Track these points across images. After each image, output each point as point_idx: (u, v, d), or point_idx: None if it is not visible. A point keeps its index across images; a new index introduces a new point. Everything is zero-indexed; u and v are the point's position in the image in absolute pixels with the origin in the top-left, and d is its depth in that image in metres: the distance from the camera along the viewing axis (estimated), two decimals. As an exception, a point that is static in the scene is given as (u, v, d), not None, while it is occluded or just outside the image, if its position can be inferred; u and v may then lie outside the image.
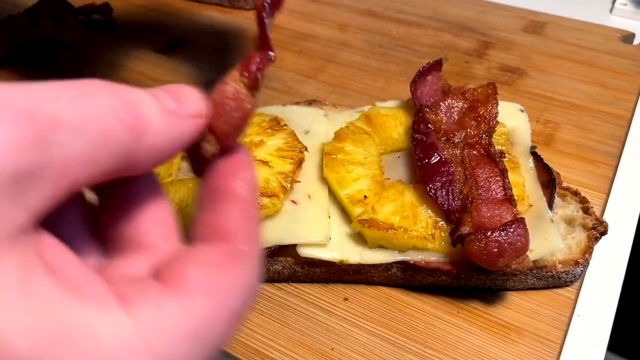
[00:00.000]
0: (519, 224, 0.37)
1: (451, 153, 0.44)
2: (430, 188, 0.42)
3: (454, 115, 0.46)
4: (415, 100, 0.48)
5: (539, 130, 0.57)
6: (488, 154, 0.43)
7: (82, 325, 0.18)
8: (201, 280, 0.21)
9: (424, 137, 0.44)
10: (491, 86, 0.47)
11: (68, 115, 0.19)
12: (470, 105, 0.46)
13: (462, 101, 0.47)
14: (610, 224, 0.44)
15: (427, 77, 0.50)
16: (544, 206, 0.42)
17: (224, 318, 0.21)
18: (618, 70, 0.64)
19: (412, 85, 0.49)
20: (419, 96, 0.49)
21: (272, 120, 0.48)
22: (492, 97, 0.46)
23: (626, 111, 0.59)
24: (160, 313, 0.20)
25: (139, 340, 0.19)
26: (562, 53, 0.68)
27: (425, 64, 0.50)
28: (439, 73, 0.50)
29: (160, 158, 0.22)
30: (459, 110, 0.46)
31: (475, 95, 0.47)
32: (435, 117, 0.46)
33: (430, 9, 0.76)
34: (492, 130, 0.45)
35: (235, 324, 0.22)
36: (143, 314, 0.20)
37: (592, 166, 0.53)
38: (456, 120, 0.46)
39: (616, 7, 0.76)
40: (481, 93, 0.47)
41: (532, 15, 0.74)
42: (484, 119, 0.45)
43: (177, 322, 0.20)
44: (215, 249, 0.23)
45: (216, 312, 0.21)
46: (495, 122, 0.45)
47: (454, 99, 0.47)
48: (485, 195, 0.41)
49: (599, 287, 0.44)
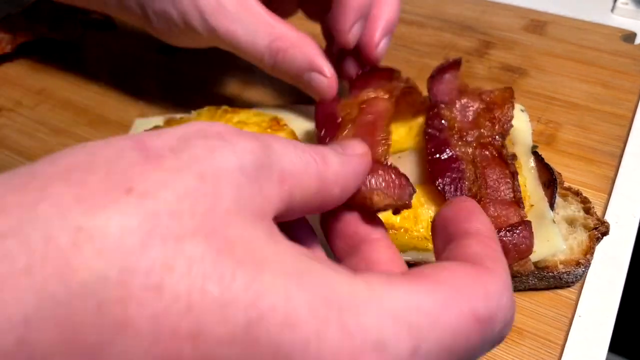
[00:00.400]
0: (525, 226, 0.37)
1: (463, 151, 0.44)
2: (439, 183, 0.41)
3: (469, 115, 0.46)
4: (431, 96, 0.48)
5: (540, 130, 0.57)
6: (500, 155, 0.43)
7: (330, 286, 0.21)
8: (441, 276, 0.22)
9: (437, 133, 0.44)
10: (509, 90, 0.47)
11: (279, 146, 0.25)
12: (487, 107, 0.46)
13: (478, 102, 0.47)
14: (612, 224, 0.44)
15: (445, 75, 0.50)
16: (545, 206, 0.42)
17: (467, 315, 0.22)
18: (619, 70, 0.64)
19: (429, 81, 0.49)
20: (434, 93, 0.49)
21: (272, 120, 0.48)
22: (508, 100, 0.46)
23: (628, 111, 0.59)
24: (396, 291, 0.21)
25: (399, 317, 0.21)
26: (563, 53, 0.67)
27: (444, 61, 0.50)
28: (457, 72, 0.50)
29: (343, 188, 0.28)
30: (474, 111, 0.46)
31: (492, 97, 0.47)
32: (450, 114, 0.46)
33: (431, 8, 0.76)
34: (506, 133, 0.45)
35: (488, 336, 0.22)
36: (379, 288, 0.21)
37: (594, 166, 0.53)
38: (470, 120, 0.46)
39: (617, 6, 0.76)
40: (498, 96, 0.47)
41: (533, 15, 0.74)
42: (499, 121, 0.45)
43: (412, 299, 0.21)
44: (459, 263, 0.24)
45: (457, 305, 0.21)
46: (510, 125, 0.45)
47: (470, 99, 0.47)
48: (494, 195, 0.41)
49: (600, 288, 0.44)
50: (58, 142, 0.57)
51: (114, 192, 0.19)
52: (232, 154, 0.22)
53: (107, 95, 0.63)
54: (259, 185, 0.23)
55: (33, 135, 0.58)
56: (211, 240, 0.20)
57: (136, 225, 0.19)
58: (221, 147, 0.22)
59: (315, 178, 0.26)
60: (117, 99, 0.62)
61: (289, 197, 0.24)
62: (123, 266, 0.18)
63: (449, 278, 0.22)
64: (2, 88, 0.64)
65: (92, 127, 0.59)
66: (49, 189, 0.19)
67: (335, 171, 0.27)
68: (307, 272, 0.21)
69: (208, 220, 0.20)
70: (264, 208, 0.23)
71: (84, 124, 0.59)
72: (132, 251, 0.18)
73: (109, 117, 0.60)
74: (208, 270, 0.19)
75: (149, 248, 0.19)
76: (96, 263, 0.18)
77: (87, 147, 0.21)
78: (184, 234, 0.19)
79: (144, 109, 0.61)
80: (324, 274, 0.21)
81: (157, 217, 0.19)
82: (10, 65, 0.68)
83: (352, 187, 0.29)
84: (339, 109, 0.45)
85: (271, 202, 0.23)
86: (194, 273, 0.19)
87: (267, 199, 0.23)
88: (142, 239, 0.19)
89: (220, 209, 0.21)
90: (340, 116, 0.44)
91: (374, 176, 0.35)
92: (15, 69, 0.67)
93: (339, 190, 0.27)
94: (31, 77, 0.66)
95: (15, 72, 0.67)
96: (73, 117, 0.60)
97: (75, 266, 0.18)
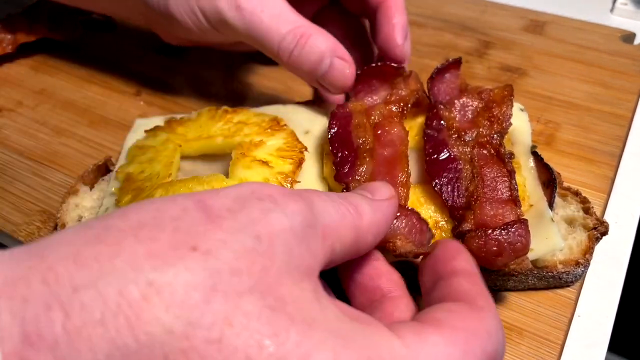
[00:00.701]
0: (520, 225, 0.37)
1: (461, 150, 0.44)
2: (437, 183, 0.42)
3: (468, 114, 0.46)
4: (431, 96, 0.48)
5: (540, 130, 0.57)
6: (498, 154, 0.43)
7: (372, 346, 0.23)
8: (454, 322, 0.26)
9: (435, 133, 0.45)
10: (508, 88, 0.47)
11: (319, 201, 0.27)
12: (485, 105, 0.46)
13: (477, 100, 0.47)
14: (611, 224, 0.44)
15: (445, 74, 0.50)
16: (544, 206, 0.42)
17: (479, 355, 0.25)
18: (619, 70, 0.64)
19: (429, 81, 0.49)
20: (435, 93, 0.49)
21: (272, 120, 0.48)
22: (507, 98, 0.46)
23: (627, 111, 0.59)
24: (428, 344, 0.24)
25: None
26: (562, 53, 0.68)
27: (445, 61, 0.50)
28: (457, 72, 0.50)
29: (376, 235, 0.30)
30: (474, 109, 0.46)
31: (491, 96, 0.47)
32: (449, 114, 0.46)
33: (431, 8, 0.76)
34: (505, 131, 0.45)
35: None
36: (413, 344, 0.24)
37: (593, 166, 0.53)
38: (470, 119, 0.46)
39: (617, 6, 0.76)
40: (497, 94, 0.47)
41: (533, 15, 0.74)
42: (497, 119, 0.45)
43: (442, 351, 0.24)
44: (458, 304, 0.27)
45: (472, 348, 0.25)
46: (509, 123, 0.45)
47: (469, 98, 0.47)
48: (491, 194, 0.41)
49: (599, 288, 0.44)
50: (59, 142, 0.57)
51: (181, 250, 0.21)
52: (284, 216, 0.25)
53: (107, 96, 0.63)
54: (307, 243, 0.25)
55: (34, 135, 0.58)
56: (266, 297, 0.22)
57: (200, 281, 0.21)
58: (273, 209, 0.25)
59: (352, 228, 0.28)
60: (117, 99, 0.63)
61: (331, 251, 0.27)
62: (188, 320, 0.20)
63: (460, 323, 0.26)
64: (3, 88, 0.64)
65: (93, 127, 0.59)
66: (122, 244, 0.21)
67: (369, 220, 0.29)
68: (351, 333, 0.23)
69: (263, 279, 0.22)
70: (311, 265, 0.25)
71: (85, 124, 0.59)
72: (196, 305, 0.20)
73: (109, 117, 0.60)
74: (264, 326, 0.21)
75: (212, 303, 0.21)
76: (164, 316, 0.20)
77: (154, 204, 0.24)
78: (243, 290, 0.21)
79: (144, 109, 0.61)
80: (365, 335, 0.23)
81: (219, 275, 0.21)
82: (11, 66, 0.68)
83: (383, 233, 0.31)
84: (353, 128, 0.45)
85: (317, 259, 0.25)
86: (251, 328, 0.21)
87: (313, 256, 0.25)
88: (206, 294, 0.21)
89: (273, 268, 0.23)
90: (356, 142, 0.44)
91: (397, 219, 0.36)
92: (16, 69, 0.67)
93: (372, 238, 0.30)
94: (32, 78, 0.66)
95: (16, 72, 0.67)
96: (73, 117, 0.61)
97: (145, 319, 0.20)
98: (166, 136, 0.48)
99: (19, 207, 0.50)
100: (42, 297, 0.19)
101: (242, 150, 0.45)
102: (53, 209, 0.49)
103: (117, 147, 0.55)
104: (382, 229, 0.31)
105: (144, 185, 0.44)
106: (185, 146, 0.47)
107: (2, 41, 0.66)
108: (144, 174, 0.45)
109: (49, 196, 0.51)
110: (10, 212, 0.50)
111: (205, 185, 0.42)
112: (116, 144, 0.56)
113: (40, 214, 0.49)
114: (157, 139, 0.48)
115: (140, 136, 0.50)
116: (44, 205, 0.50)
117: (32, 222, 0.49)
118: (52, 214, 0.49)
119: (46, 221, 0.49)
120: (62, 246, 0.21)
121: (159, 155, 0.46)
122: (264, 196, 0.25)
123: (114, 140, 0.57)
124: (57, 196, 0.51)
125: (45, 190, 0.52)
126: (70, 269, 0.20)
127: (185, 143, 0.47)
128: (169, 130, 0.49)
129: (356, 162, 0.42)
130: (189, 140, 0.48)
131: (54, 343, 0.18)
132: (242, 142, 0.46)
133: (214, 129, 0.48)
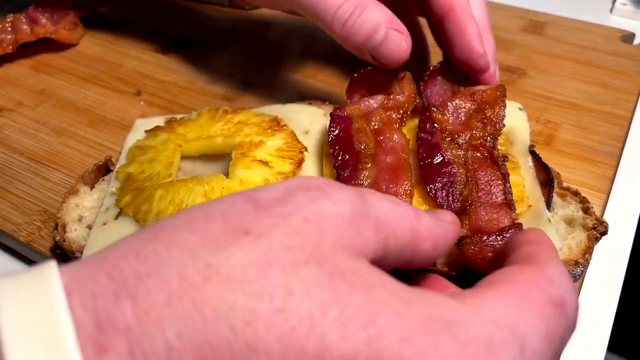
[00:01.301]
0: (515, 230, 0.37)
1: (454, 154, 0.43)
2: (431, 189, 0.41)
3: (461, 116, 0.46)
4: (424, 99, 0.48)
5: (539, 130, 0.57)
6: (491, 157, 0.43)
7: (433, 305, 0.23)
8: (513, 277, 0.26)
9: (428, 137, 0.44)
10: (500, 88, 0.47)
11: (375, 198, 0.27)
12: (478, 107, 0.46)
13: (470, 102, 0.46)
14: (611, 224, 0.44)
15: (438, 76, 0.50)
16: (542, 206, 0.42)
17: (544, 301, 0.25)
18: (618, 70, 0.64)
19: (422, 84, 0.48)
20: (428, 95, 0.49)
21: (272, 120, 0.48)
22: (500, 99, 0.46)
23: (626, 111, 0.59)
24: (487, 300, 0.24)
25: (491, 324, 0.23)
26: (562, 53, 0.68)
27: (437, 64, 0.50)
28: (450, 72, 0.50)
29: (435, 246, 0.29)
30: (467, 111, 0.46)
31: (483, 97, 0.46)
32: (442, 117, 0.45)
33: (431, 8, 0.76)
34: (498, 132, 0.45)
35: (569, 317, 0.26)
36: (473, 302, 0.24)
37: (593, 166, 0.53)
38: (463, 121, 0.46)
39: (616, 7, 0.76)
40: (490, 95, 0.46)
41: (532, 15, 0.74)
42: (490, 121, 0.45)
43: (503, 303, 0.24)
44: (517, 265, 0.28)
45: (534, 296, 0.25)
46: (502, 124, 0.45)
47: (462, 100, 0.47)
48: (485, 198, 0.41)
49: (599, 287, 0.44)
50: (59, 142, 0.57)
51: (234, 235, 0.23)
52: (332, 203, 0.25)
53: (107, 95, 0.63)
54: (358, 229, 0.25)
55: (34, 135, 0.58)
56: (324, 266, 0.22)
57: (255, 258, 0.22)
58: (321, 197, 0.25)
59: (409, 230, 0.28)
60: (118, 99, 0.63)
61: (384, 245, 0.26)
62: (248, 294, 0.21)
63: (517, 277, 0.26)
64: (3, 88, 0.64)
65: (93, 127, 0.59)
66: (177, 238, 0.23)
67: (428, 227, 0.29)
68: (411, 295, 0.23)
69: (317, 252, 0.23)
70: (362, 249, 0.25)
71: (85, 124, 0.60)
72: (255, 280, 0.21)
73: (109, 117, 0.60)
74: (325, 291, 0.21)
75: (269, 276, 0.21)
76: (225, 292, 0.21)
77: (203, 205, 0.25)
78: (298, 262, 0.22)
79: (144, 109, 0.61)
80: (424, 296, 0.23)
81: (273, 251, 0.22)
82: (11, 66, 0.68)
83: (443, 249, 0.30)
84: (355, 133, 0.45)
85: (369, 245, 0.25)
86: (313, 295, 0.21)
87: (365, 241, 0.25)
88: (262, 269, 0.22)
89: (326, 244, 0.23)
90: (357, 146, 0.44)
91: None
92: (16, 69, 0.67)
93: (430, 246, 0.29)
94: (32, 78, 0.66)
95: (16, 72, 0.67)
96: (74, 117, 0.61)
97: (207, 296, 0.21)
98: (166, 136, 0.48)
99: (19, 207, 0.50)
100: (110, 289, 0.21)
101: (242, 151, 0.45)
102: (53, 209, 0.49)
103: (117, 147, 0.55)
104: (442, 244, 0.30)
105: (144, 185, 0.44)
106: (185, 146, 0.48)
107: (2, 41, 0.66)
108: (144, 174, 0.45)
109: (49, 196, 0.51)
110: (10, 212, 0.50)
111: (205, 185, 0.42)
112: (116, 144, 0.56)
113: (40, 213, 0.50)
114: (157, 139, 0.48)
115: (140, 136, 0.50)
116: (44, 205, 0.50)
117: (32, 222, 0.49)
118: (52, 214, 0.49)
119: (46, 221, 0.49)
120: (122, 247, 0.23)
121: (159, 155, 0.47)
122: (312, 187, 0.26)
123: (114, 140, 0.57)
124: (57, 196, 0.51)
125: (45, 190, 0.52)
126: (133, 264, 0.22)
127: (185, 143, 0.48)
128: (169, 130, 0.49)
129: (357, 167, 0.42)
130: (189, 141, 0.48)
131: (125, 327, 0.20)
132: (242, 142, 0.46)
133: (214, 129, 0.48)
